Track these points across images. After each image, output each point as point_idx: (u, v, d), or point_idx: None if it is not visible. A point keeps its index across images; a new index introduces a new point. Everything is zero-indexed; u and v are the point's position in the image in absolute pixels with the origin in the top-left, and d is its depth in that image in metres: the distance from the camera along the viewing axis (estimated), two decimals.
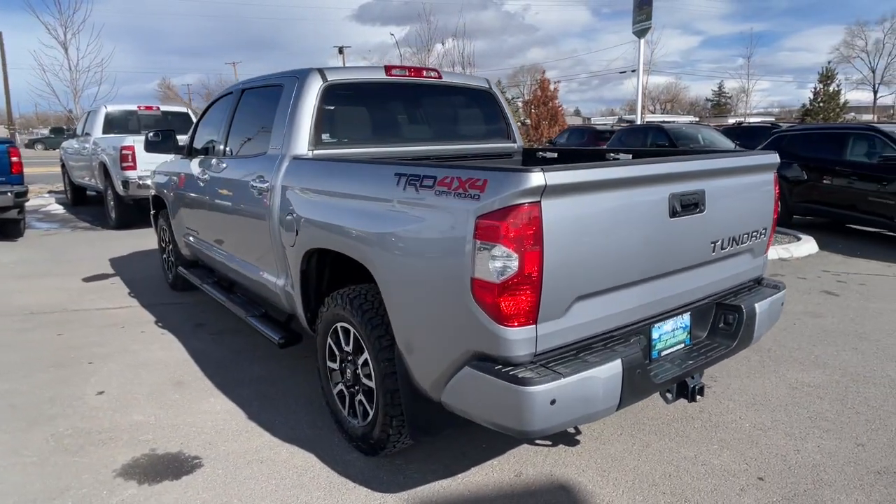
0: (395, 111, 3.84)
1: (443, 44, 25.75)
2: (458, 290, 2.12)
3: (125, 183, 9.03)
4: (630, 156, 3.59)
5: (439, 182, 2.22)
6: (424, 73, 3.87)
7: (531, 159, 4.32)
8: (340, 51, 49.18)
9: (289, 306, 3.50)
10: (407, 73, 3.79)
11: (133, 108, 11.00)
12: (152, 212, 6.17)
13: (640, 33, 17.40)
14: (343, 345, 2.92)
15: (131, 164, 8.95)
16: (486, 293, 2.03)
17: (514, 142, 4.33)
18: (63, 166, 13.19)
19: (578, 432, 3.11)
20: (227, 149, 4.20)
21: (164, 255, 5.99)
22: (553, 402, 2.01)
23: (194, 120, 11.51)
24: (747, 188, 2.82)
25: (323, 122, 3.42)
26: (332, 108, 3.48)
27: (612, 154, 3.69)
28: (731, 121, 37.22)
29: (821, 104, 36.84)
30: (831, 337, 4.43)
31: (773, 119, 43.56)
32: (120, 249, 7.98)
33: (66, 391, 3.68)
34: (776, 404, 3.39)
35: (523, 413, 2.01)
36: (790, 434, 3.07)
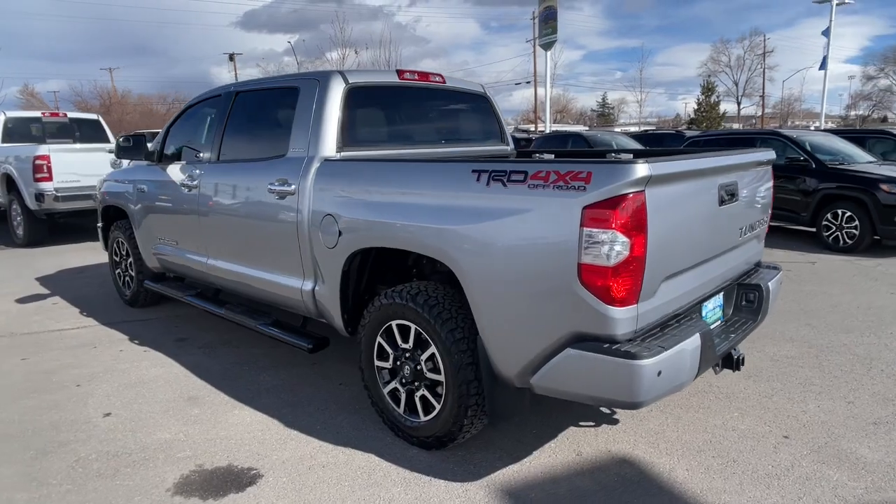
0: (407, 114, 3.90)
1: (356, 52, 25.59)
2: (563, 275, 2.25)
3: (39, 196, 8.23)
4: (631, 155, 3.88)
5: (532, 176, 2.34)
6: (430, 77, 3.96)
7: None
8: (231, 58, 47.63)
9: (314, 310, 3.44)
10: (416, 77, 3.86)
11: (36, 114, 10.08)
12: (100, 224, 5.72)
13: (546, 46, 18.38)
14: (400, 342, 2.94)
15: (47, 175, 8.18)
16: (596, 277, 2.18)
17: (508, 144, 4.51)
18: None
19: (614, 412, 3.32)
20: (222, 153, 4.04)
21: (119, 271, 5.56)
22: (659, 373, 2.20)
23: (106, 127, 10.78)
24: (759, 180, 3.19)
25: (347, 124, 3.41)
26: (355, 110, 3.48)
27: (612, 154, 3.96)
28: (617, 129, 40.15)
29: (703, 113, 40.91)
30: (784, 316, 4.99)
31: (652, 127, 47.29)
32: (43, 268, 7.27)
33: (65, 416, 3.38)
34: (768, 375, 3.80)
35: (634, 385, 2.18)
36: (791, 398, 3.46)
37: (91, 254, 8.03)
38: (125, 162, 8.48)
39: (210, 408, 3.46)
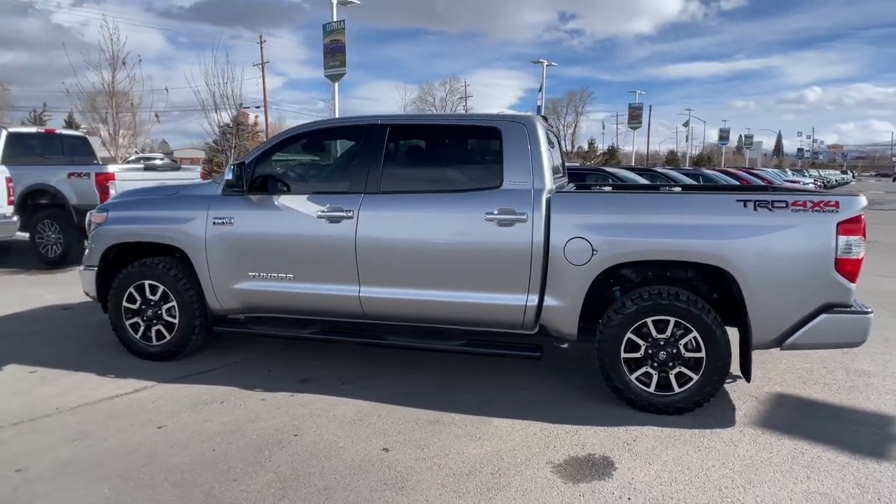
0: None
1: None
2: (823, 266, 3.50)
3: None
4: (679, 188, 5.31)
5: (793, 204, 3.54)
6: (548, 119, 4.79)
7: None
8: None
9: (532, 322, 3.98)
10: (546, 121, 4.67)
11: None
12: (96, 266, 4.77)
13: (333, 77, 19.06)
14: (655, 334, 3.77)
15: None
16: (848, 265, 3.49)
17: (565, 176, 5.52)
18: None
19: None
20: (383, 185, 4.15)
21: (137, 320, 4.71)
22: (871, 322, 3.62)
23: None
24: None
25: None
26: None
27: (666, 188, 5.33)
28: None
29: None
30: None
31: None
32: None
33: (351, 457, 3.25)
34: None
35: (866, 331, 3.56)
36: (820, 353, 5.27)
37: None
38: None
39: (460, 426, 3.65)
